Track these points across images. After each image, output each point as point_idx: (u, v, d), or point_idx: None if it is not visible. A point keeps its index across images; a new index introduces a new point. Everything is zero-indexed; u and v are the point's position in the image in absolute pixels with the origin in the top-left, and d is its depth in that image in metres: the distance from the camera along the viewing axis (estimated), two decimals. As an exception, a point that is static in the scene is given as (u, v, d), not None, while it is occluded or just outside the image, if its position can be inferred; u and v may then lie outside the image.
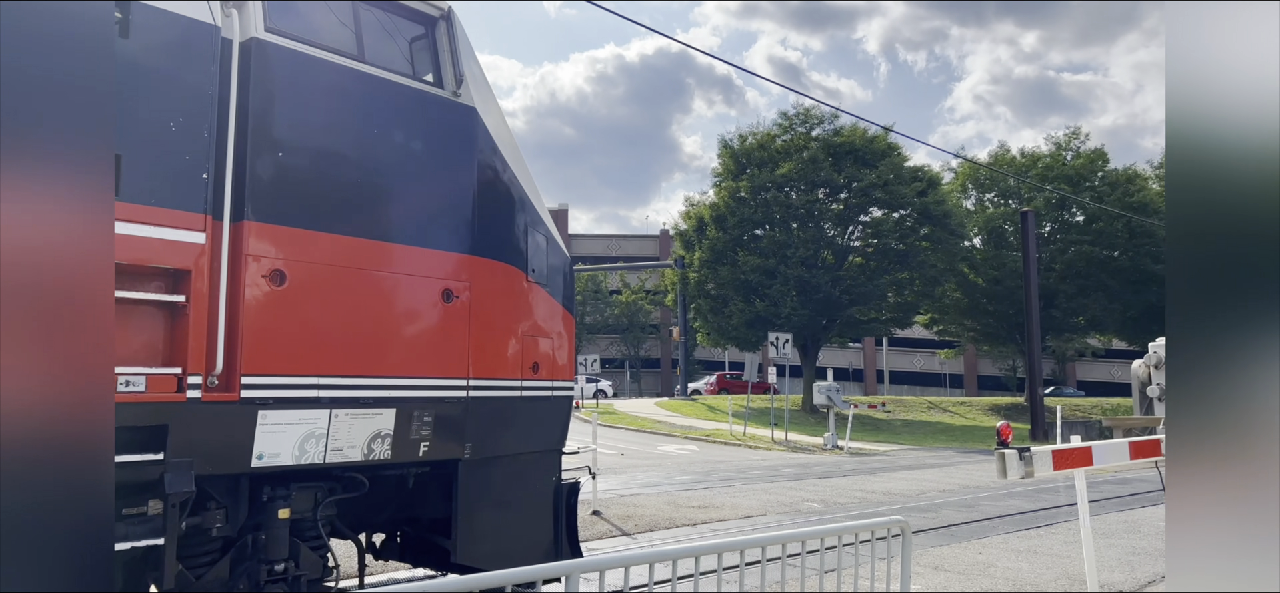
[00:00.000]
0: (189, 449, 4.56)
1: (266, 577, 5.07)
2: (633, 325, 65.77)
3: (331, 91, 5.32)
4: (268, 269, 4.90)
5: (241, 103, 4.90)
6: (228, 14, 4.94)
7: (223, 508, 4.97)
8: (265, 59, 5.00)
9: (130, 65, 4.48)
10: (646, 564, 3.99)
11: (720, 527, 11.66)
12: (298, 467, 5.03)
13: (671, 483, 16.35)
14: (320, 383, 5.08)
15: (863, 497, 14.98)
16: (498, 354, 6.12)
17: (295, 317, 5.00)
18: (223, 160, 4.80)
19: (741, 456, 23.38)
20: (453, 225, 5.87)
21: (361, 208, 5.38)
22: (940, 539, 10.70)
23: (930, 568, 8.87)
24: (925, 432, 34.87)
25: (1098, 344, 47.90)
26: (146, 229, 4.46)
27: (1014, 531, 11.39)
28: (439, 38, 6.06)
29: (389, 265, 5.48)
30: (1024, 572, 8.80)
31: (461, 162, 5.98)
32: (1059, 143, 43.22)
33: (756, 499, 14.29)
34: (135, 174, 4.44)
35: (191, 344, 4.57)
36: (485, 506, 6.03)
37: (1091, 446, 6.80)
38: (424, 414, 5.57)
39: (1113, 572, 8.80)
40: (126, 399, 4.32)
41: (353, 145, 5.39)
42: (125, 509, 4.51)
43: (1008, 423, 6.42)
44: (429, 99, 5.86)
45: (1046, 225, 41.16)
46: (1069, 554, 9.58)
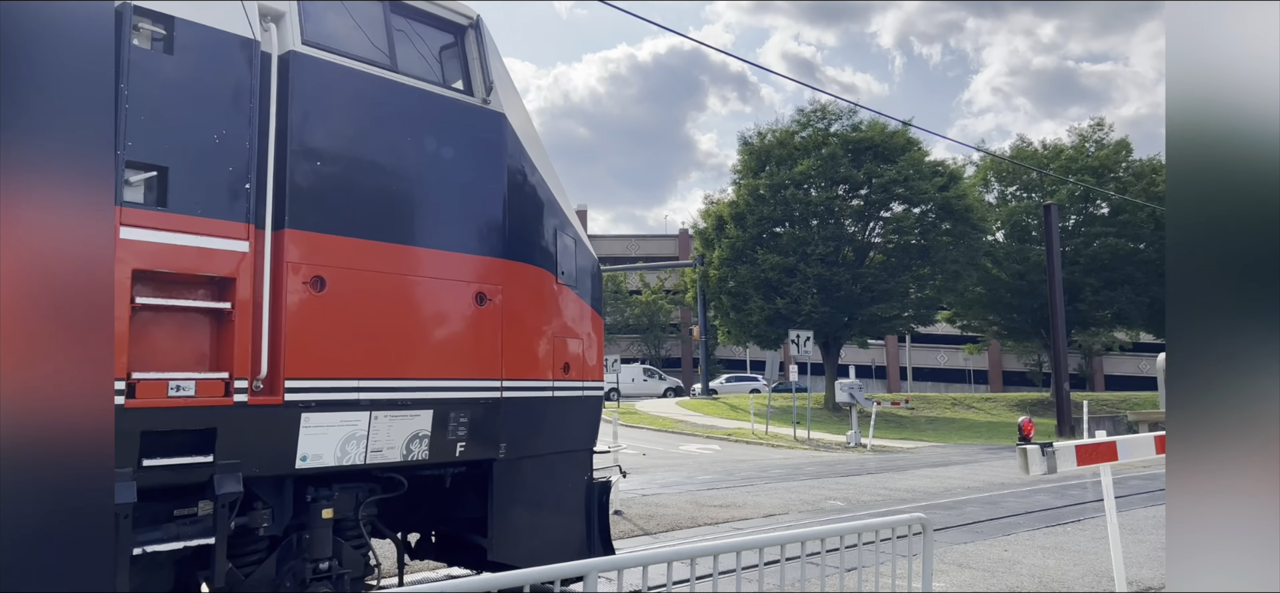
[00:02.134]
0: (236, 451, 4.71)
1: (312, 575, 5.22)
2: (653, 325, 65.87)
3: (366, 101, 5.46)
4: (308, 275, 5.04)
5: (281, 114, 5.05)
6: (266, 28, 5.09)
7: (269, 508, 5.12)
8: (303, 71, 5.15)
9: (176, 81, 4.65)
10: (665, 564, 4.03)
11: (742, 526, 11.68)
12: (339, 468, 5.17)
13: (693, 483, 16.40)
14: (360, 386, 5.22)
15: (886, 495, 14.96)
16: (530, 356, 6.24)
17: (335, 321, 5.14)
18: (264, 170, 4.95)
19: (763, 454, 23.39)
20: (484, 230, 6.00)
21: (397, 214, 5.52)
22: (965, 536, 10.67)
23: (955, 565, 8.84)
24: (949, 428, 34.71)
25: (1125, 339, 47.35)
26: (194, 239, 4.62)
27: (1040, 528, 11.30)
28: (468, 45, 6.19)
29: (424, 270, 5.61)
30: (1050, 569, 8.72)
31: (492, 167, 6.10)
32: (1082, 135, 42.87)
33: (778, 498, 14.31)
34: (182, 186, 4.60)
35: (237, 349, 4.72)
36: (519, 505, 6.15)
37: (1116, 440, 6.75)
38: (460, 415, 5.70)
39: (1141, 568, 8.73)
40: (177, 403, 4.48)
41: (387, 153, 5.53)
42: (176, 510, 4.68)
43: (1030, 418, 6.41)
44: (460, 107, 5.99)
45: (1070, 218, 40.80)
46: (1096, 551, 9.50)
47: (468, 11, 6.21)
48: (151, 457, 4.41)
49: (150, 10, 4.60)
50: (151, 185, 4.56)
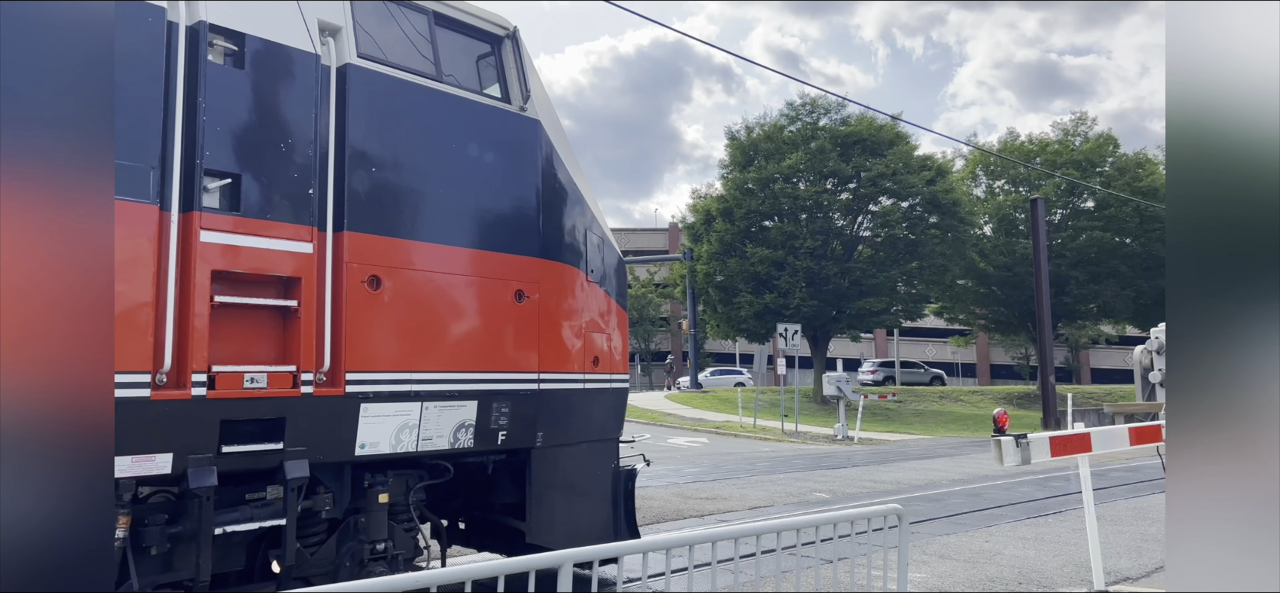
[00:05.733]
0: (303, 439, 5.04)
1: (369, 555, 5.57)
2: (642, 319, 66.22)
3: (415, 110, 5.79)
4: (365, 275, 5.37)
5: (339, 123, 5.38)
6: (325, 42, 5.42)
7: (330, 493, 5.46)
8: (359, 82, 5.48)
9: (246, 93, 4.97)
10: (640, 554, 4.24)
11: (727, 518, 11.82)
12: (393, 455, 5.51)
13: (680, 475, 16.45)
14: (411, 378, 5.56)
15: (871, 487, 15.12)
16: (564, 350, 6.60)
17: (388, 317, 5.48)
18: (325, 176, 5.28)
19: (751, 447, 23.54)
20: (522, 231, 6.34)
21: (443, 217, 5.85)
22: (947, 528, 10.77)
23: (936, 556, 8.94)
24: (936, 421, 35.13)
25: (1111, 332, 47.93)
26: (265, 241, 4.95)
27: (1022, 519, 11.42)
28: (505, 55, 6.53)
29: (467, 269, 5.96)
30: (1030, 559, 8.84)
31: (529, 172, 6.45)
32: (1067, 129, 43.37)
33: (764, 491, 14.41)
34: (254, 192, 4.93)
35: (303, 344, 5.06)
36: (555, 490, 6.52)
37: (1090, 432, 6.81)
38: (501, 406, 6.05)
39: (1120, 559, 8.83)
40: (251, 394, 4.82)
41: (434, 159, 5.87)
42: (248, 495, 5.01)
43: (1005, 411, 6.54)
44: (499, 114, 6.34)
45: (1057, 212, 41.25)
46: (1076, 542, 9.54)
47: (505, 22, 6.54)
48: (229, 444, 4.74)
49: (224, 28, 4.92)
50: (226, 192, 4.89)
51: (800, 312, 35.05)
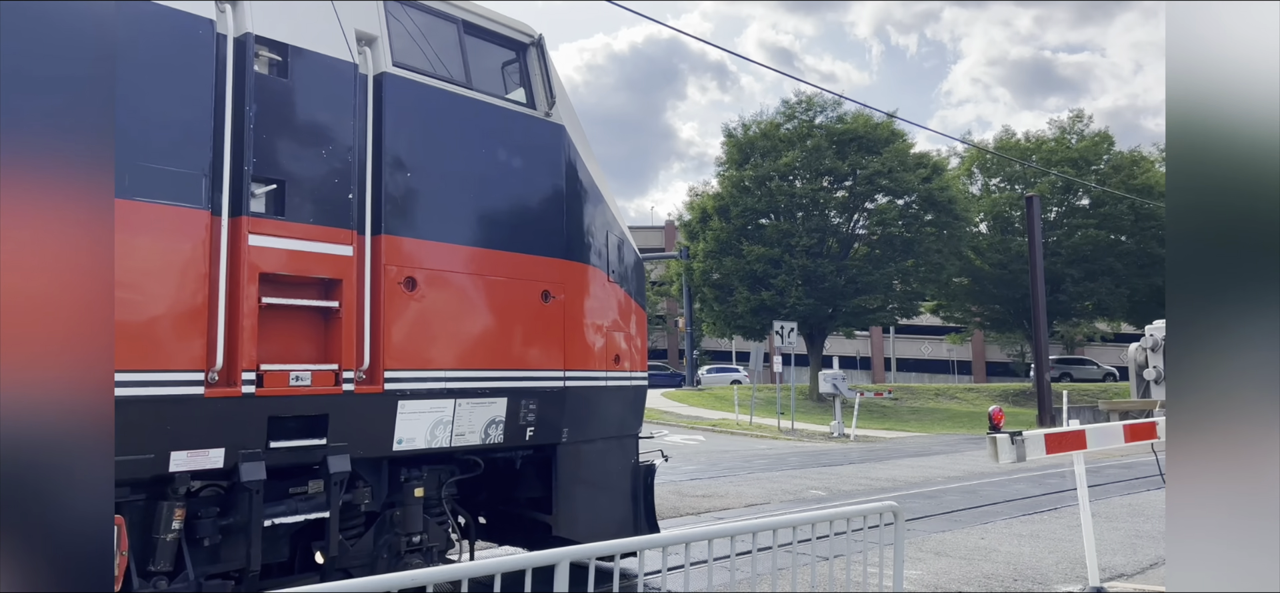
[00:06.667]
0: (345, 435, 5.24)
1: (406, 547, 5.77)
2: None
3: (447, 116, 5.98)
4: (402, 276, 5.56)
5: (376, 129, 5.57)
6: (362, 52, 5.60)
7: (369, 487, 5.65)
8: (394, 90, 5.67)
9: (290, 102, 5.16)
10: (635, 554, 4.35)
11: (723, 515, 11.90)
12: (428, 450, 5.71)
13: (677, 473, 16.46)
14: (445, 375, 5.75)
15: (867, 484, 15.20)
16: (587, 348, 6.80)
17: (423, 317, 5.67)
18: (362, 181, 5.46)
19: (748, 445, 23.59)
20: (548, 233, 6.54)
21: (474, 220, 6.05)
22: (943, 525, 10.83)
23: (932, 553, 8.99)
24: (933, 418, 35.29)
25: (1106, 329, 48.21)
26: (309, 245, 5.13)
27: (1017, 516, 11.45)
28: (530, 62, 6.72)
29: (497, 270, 6.15)
30: (1026, 556, 8.86)
31: (554, 175, 6.64)
32: (1063, 127, 43.60)
33: (761, 488, 14.46)
34: (297, 197, 5.11)
35: (344, 344, 5.24)
36: (579, 485, 6.72)
37: (1085, 429, 6.87)
38: (530, 403, 6.25)
39: (1115, 555, 8.87)
40: (296, 392, 5.01)
41: (465, 164, 6.06)
42: (291, 489, 5.20)
43: (1000, 408, 6.58)
44: (526, 120, 6.53)
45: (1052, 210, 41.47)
46: (1071, 538, 9.56)
47: (530, 30, 6.73)
48: (276, 439, 4.93)
49: (269, 39, 5.10)
50: (272, 198, 5.07)
51: (796, 309, 35.25)
